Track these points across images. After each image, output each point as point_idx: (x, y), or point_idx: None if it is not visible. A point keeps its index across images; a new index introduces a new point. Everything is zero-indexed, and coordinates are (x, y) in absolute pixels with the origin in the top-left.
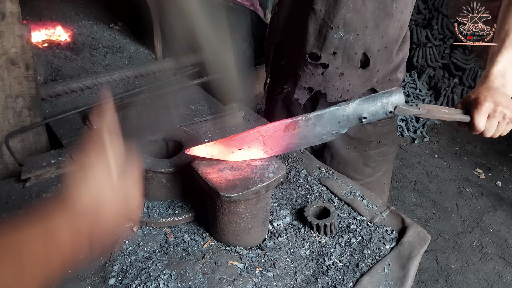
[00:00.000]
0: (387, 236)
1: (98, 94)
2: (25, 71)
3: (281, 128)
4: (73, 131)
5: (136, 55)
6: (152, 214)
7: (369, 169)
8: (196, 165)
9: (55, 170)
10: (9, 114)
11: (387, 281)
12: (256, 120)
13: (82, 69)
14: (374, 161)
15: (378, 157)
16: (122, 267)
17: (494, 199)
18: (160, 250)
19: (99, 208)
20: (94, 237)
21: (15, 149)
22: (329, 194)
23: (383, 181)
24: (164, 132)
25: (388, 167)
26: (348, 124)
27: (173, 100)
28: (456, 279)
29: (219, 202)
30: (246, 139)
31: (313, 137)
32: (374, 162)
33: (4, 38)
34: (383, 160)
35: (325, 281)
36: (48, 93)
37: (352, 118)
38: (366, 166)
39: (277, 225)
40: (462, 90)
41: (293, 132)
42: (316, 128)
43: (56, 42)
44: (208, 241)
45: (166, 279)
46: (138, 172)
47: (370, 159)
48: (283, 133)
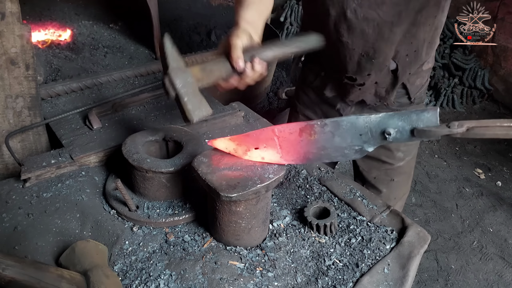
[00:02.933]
0: (387, 236)
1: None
2: (25, 71)
3: (296, 131)
4: (73, 131)
5: (136, 55)
6: (152, 214)
7: (400, 153)
8: (196, 165)
9: (55, 170)
10: (9, 114)
11: (387, 281)
12: (256, 120)
13: (82, 69)
14: (405, 145)
15: (404, 155)
16: (122, 267)
17: (494, 199)
18: (160, 250)
19: None
20: None
21: (15, 149)
22: (329, 194)
23: (411, 164)
24: (164, 132)
25: (416, 151)
26: (372, 140)
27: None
28: (456, 279)
29: (219, 202)
30: (260, 136)
31: (333, 149)
32: (405, 146)
33: (4, 38)
34: (412, 145)
35: (325, 281)
36: (48, 93)
37: (375, 132)
38: (397, 151)
39: (277, 225)
40: (462, 90)
41: (309, 138)
42: (335, 139)
43: (56, 42)
44: (208, 241)
45: (166, 279)
46: None
47: (402, 144)
48: (299, 138)
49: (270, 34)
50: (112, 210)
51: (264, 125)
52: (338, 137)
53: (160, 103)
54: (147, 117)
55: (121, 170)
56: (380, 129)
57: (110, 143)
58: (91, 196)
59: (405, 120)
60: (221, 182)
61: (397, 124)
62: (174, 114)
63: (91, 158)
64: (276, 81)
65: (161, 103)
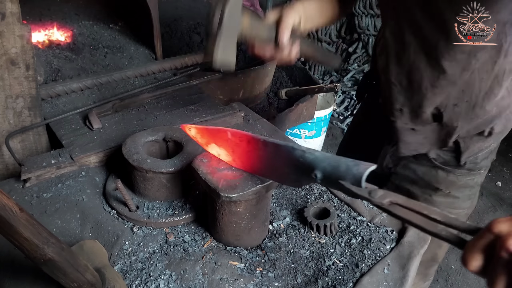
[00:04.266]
0: (387, 236)
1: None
2: (25, 71)
3: (245, 141)
4: (73, 132)
5: (136, 55)
6: (152, 214)
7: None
8: (196, 165)
9: (55, 171)
10: (9, 115)
11: (387, 281)
12: (256, 120)
13: (82, 69)
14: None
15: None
16: (122, 267)
17: (494, 199)
18: (160, 250)
19: None
20: None
21: (15, 149)
22: (329, 195)
23: None
24: (164, 132)
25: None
26: (303, 176)
27: (173, 100)
28: (456, 279)
29: (219, 202)
30: (217, 134)
31: (281, 171)
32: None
33: (4, 38)
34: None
35: (325, 281)
36: (48, 93)
37: (305, 169)
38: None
39: (277, 225)
40: None
41: (256, 151)
42: (277, 160)
43: (56, 42)
44: (208, 241)
45: (166, 279)
46: None
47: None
48: (247, 148)
49: None
50: (112, 211)
51: (264, 125)
52: (279, 161)
53: (160, 103)
54: (147, 117)
55: (121, 170)
56: (310, 166)
57: (110, 143)
58: (91, 196)
59: (334, 168)
60: (221, 183)
61: (324, 169)
62: (174, 114)
63: (91, 159)
64: (276, 81)
65: (161, 103)
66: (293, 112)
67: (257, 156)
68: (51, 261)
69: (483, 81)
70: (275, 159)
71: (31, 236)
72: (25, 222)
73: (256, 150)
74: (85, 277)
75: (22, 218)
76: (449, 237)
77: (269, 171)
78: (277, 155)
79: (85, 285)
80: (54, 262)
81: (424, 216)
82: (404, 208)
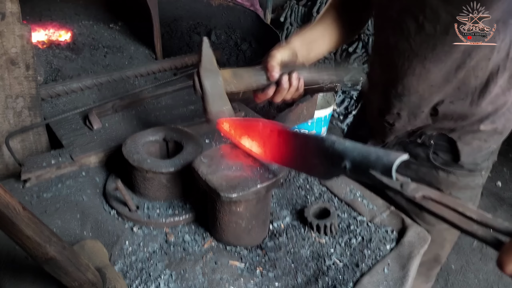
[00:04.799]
0: (387, 236)
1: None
2: (25, 71)
3: (275, 131)
4: (73, 131)
5: (136, 55)
6: (152, 214)
7: (431, 217)
8: (196, 165)
9: (55, 171)
10: (9, 114)
11: (387, 281)
12: None
13: (82, 69)
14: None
15: None
16: (122, 267)
17: (494, 199)
18: (160, 250)
19: None
20: None
21: (15, 149)
22: (329, 195)
23: (444, 235)
24: (164, 133)
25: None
26: (333, 168)
27: (173, 100)
28: (456, 279)
29: (219, 202)
30: (249, 126)
31: (311, 162)
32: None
33: (4, 38)
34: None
35: (325, 281)
36: (48, 93)
37: (334, 159)
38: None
39: (277, 225)
40: None
41: (286, 143)
42: (306, 151)
43: (56, 42)
44: (208, 241)
45: (166, 279)
46: None
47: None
48: (277, 139)
49: (270, 34)
50: (112, 210)
51: None
52: (308, 153)
53: (160, 103)
54: (147, 117)
55: (122, 170)
56: (341, 157)
57: (110, 143)
58: (92, 196)
59: (364, 157)
60: (221, 183)
61: (354, 158)
62: (174, 115)
63: (91, 159)
64: None
65: (161, 103)
66: (293, 112)
67: (287, 148)
68: (53, 260)
69: (478, 79)
70: (305, 150)
71: (33, 235)
72: (27, 221)
73: (286, 142)
74: (86, 276)
75: (25, 217)
76: (486, 237)
77: (299, 163)
78: (307, 146)
79: (86, 284)
80: (56, 261)
81: (459, 213)
82: (437, 203)
